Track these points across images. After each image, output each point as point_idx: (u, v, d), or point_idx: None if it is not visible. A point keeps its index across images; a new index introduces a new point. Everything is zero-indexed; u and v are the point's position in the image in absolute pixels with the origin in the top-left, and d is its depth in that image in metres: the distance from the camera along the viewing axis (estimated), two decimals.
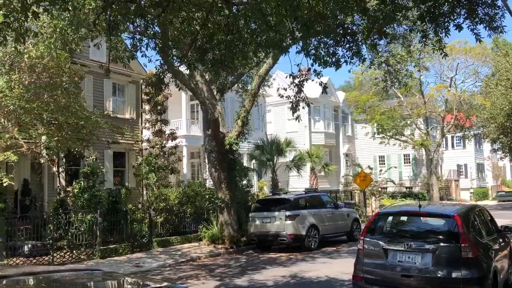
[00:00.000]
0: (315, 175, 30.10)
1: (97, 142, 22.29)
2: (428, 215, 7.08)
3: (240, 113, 15.39)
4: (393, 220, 7.44)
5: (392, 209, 7.78)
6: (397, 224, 7.40)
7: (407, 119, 36.69)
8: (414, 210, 7.20)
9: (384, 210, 7.62)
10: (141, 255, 14.85)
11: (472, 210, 7.40)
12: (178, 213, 17.37)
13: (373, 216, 7.54)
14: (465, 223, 6.73)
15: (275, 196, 17.16)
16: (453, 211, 6.89)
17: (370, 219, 7.55)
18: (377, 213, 7.51)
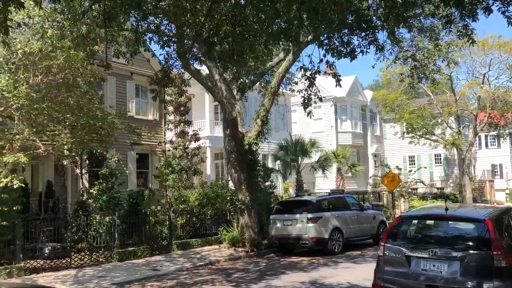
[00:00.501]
0: (341, 176, 29.35)
1: (120, 143, 22.36)
2: (455, 219, 6.43)
3: (260, 112, 14.93)
4: (417, 224, 6.81)
5: (416, 212, 7.14)
6: (421, 229, 6.77)
7: (437, 118, 35.40)
8: (440, 213, 6.57)
9: (407, 213, 7.01)
10: (160, 258, 14.57)
11: (506, 213, 6.71)
12: (199, 215, 17.04)
13: (395, 220, 6.94)
14: (498, 228, 6.07)
15: (296, 198, 16.62)
16: (484, 215, 6.23)
17: (391, 224, 6.95)
18: (399, 216, 6.92)
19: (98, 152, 19.82)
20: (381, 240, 6.73)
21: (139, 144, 23.43)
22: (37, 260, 13.38)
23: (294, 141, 26.24)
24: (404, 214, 6.98)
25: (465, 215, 6.57)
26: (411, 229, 6.75)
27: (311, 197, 15.76)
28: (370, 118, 41.12)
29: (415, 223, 6.79)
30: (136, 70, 23.41)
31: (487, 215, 6.23)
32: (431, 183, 43.45)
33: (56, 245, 14.67)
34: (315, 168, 26.30)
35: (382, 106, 36.63)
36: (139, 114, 23.95)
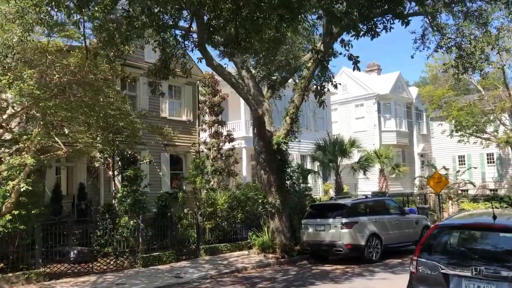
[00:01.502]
0: (384, 177, 27.84)
1: (152, 145, 22.04)
2: (505, 230, 5.26)
3: (289, 110, 13.97)
4: (458, 235, 5.68)
5: (457, 220, 5.94)
6: (463, 241, 5.61)
7: (489, 115, 33.01)
8: (486, 222, 5.44)
9: (445, 222, 5.86)
10: (186, 263, 13.91)
11: None
12: (228, 218, 16.27)
13: (431, 229, 5.81)
14: None
15: (330, 201, 15.51)
16: None
17: (427, 233, 5.84)
18: (436, 225, 5.79)
19: (130, 154, 19.53)
20: (414, 253, 5.66)
21: (173, 145, 23.03)
22: (63, 264, 13.05)
23: (333, 140, 25.01)
24: (442, 222, 5.86)
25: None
26: (450, 240, 5.62)
27: (346, 200, 14.60)
28: (416, 116, 39.11)
29: (455, 234, 5.66)
30: None
31: None
32: (483, 184, 40.82)
33: (83, 249, 14.34)
34: (355, 169, 24.97)
35: (429, 103, 34.66)
36: (173, 115, 23.56)
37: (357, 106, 36.86)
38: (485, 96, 32.35)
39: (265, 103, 14.34)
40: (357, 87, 36.79)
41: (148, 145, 21.82)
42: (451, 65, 12.15)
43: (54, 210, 17.74)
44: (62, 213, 18.58)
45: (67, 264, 13.26)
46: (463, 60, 12.00)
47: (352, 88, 37.04)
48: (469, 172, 42.12)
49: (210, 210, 15.56)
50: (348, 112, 37.43)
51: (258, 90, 14.39)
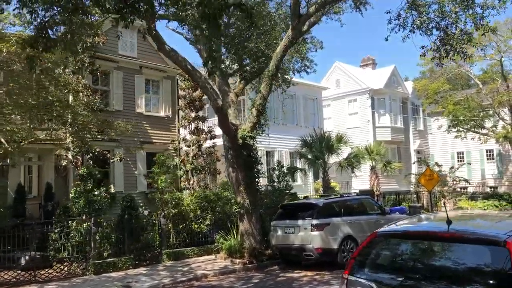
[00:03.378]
0: (376, 174, 26.48)
1: (128, 142, 20.87)
2: (459, 240, 3.99)
3: (255, 101, 12.70)
4: (402, 246, 4.40)
5: (400, 227, 4.57)
6: (409, 253, 4.31)
7: (487, 109, 31.61)
8: (433, 230, 4.19)
9: (385, 229, 4.55)
10: (143, 270, 12.70)
11: None
12: (196, 220, 15.04)
13: (368, 238, 4.53)
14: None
15: (301, 201, 14.21)
16: (508, 233, 3.80)
17: (361, 244, 4.56)
18: (374, 233, 4.50)
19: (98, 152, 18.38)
20: (345, 269, 4.40)
21: (150, 142, 21.90)
22: (7, 273, 11.88)
23: (319, 136, 23.70)
24: (382, 229, 4.59)
25: (476, 232, 4.06)
26: (392, 253, 4.35)
27: (318, 200, 13.30)
28: (412, 111, 37.67)
29: (398, 243, 4.38)
30: (145, 63, 21.89)
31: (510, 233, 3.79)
32: (483, 181, 39.41)
33: (35, 254, 13.18)
34: (343, 166, 23.65)
35: (424, 97, 33.31)
36: (150, 111, 22.37)
37: (350, 101, 35.54)
38: (482, 90, 30.99)
39: (230, 94, 13.11)
40: (350, 81, 35.49)
41: (123, 142, 20.68)
42: (430, 47, 10.86)
43: (16, 211, 16.64)
44: (25, 214, 17.46)
45: (13, 272, 12.09)
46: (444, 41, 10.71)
47: (345, 83, 35.75)
48: (468, 169, 40.77)
49: (174, 212, 14.32)
50: (341, 107, 36.11)
51: (223, 80, 13.18)
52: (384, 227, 4.64)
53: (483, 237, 3.85)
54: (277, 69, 12.58)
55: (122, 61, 21.11)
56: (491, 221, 4.69)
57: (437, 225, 4.43)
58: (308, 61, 19.61)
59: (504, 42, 28.61)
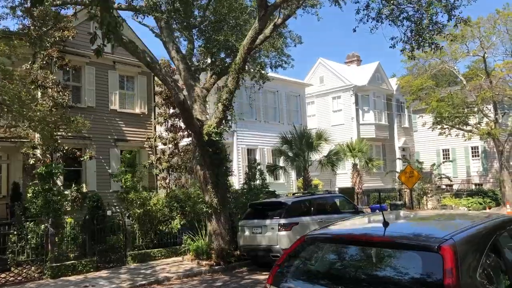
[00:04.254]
0: (358, 172, 26.06)
1: (101, 139, 20.26)
2: (390, 245, 3.49)
3: (222, 95, 12.14)
4: (331, 251, 3.87)
5: (330, 230, 4.07)
6: (338, 259, 3.81)
7: (472, 106, 31.31)
8: (364, 233, 3.69)
9: (315, 232, 4.05)
10: (105, 273, 12.11)
11: (495, 231, 3.73)
12: (165, 220, 14.47)
13: (296, 243, 3.98)
14: (470, 261, 3.16)
15: (270, 199, 13.69)
16: (446, 236, 3.30)
17: (288, 250, 4.01)
18: (302, 237, 3.96)
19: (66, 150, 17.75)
20: (268, 278, 3.87)
21: (124, 140, 21.29)
22: None
23: (299, 133, 23.21)
24: (312, 232, 4.08)
25: (410, 236, 3.48)
26: (322, 260, 3.82)
27: (287, 198, 12.80)
28: (397, 108, 37.30)
29: (329, 248, 3.85)
30: (120, 59, 21.22)
31: (451, 236, 3.29)
32: (468, 178, 39.22)
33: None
34: (323, 164, 23.17)
35: (409, 94, 32.93)
36: (124, 108, 21.74)
37: (334, 98, 35.08)
38: (466, 86, 30.67)
39: (196, 88, 12.53)
40: (334, 78, 35.04)
41: (95, 140, 20.08)
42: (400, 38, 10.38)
43: None
44: None
45: None
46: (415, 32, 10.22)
47: (329, 79, 35.31)
48: (453, 166, 40.54)
49: (140, 212, 13.72)
50: (325, 105, 35.65)
51: (189, 74, 12.60)
52: (316, 230, 4.12)
53: (414, 242, 3.33)
54: (244, 62, 12.03)
55: (94, 56, 20.41)
56: (437, 223, 4.18)
57: (373, 228, 3.92)
58: (285, 56, 19.13)
59: (487, 38, 28.30)
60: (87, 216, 13.28)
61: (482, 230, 3.67)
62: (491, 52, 30.81)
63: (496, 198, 31.91)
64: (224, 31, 14.35)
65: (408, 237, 3.44)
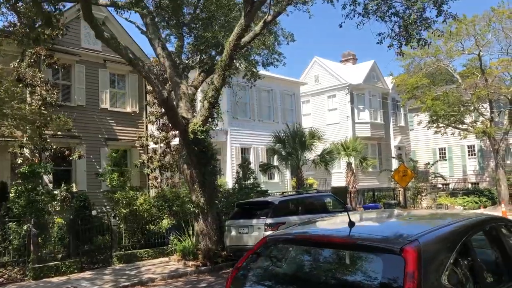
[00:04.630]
0: (352, 171, 25.81)
1: (91, 138, 20.06)
2: (353, 246, 3.24)
3: (208, 93, 11.92)
4: (293, 253, 3.64)
5: (293, 230, 3.85)
6: (300, 262, 3.57)
7: (467, 104, 31.09)
8: (329, 234, 3.47)
9: (277, 233, 3.82)
10: (88, 274, 11.89)
11: (467, 232, 3.51)
12: (152, 220, 14.25)
13: (257, 244, 3.75)
14: (433, 265, 2.94)
15: (257, 199, 13.48)
16: (412, 237, 3.08)
17: (248, 252, 3.79)
18: (264, 238, 3.73)
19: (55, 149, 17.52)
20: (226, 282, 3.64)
21: (115, 139, 21.08)
22: None
23: (292, 132, 22.99)
24: (275, 233, 3.87)
25: (373, 237, 3.20)
26: (284, 263, 3.60)
27: (273, 198, 12.59)
28: (393, 107, 37.08)
29: (290, 250, 3.61)
30: (110, 57, 20.96)
31: (417, 237, 3.07)
32: (464, 177, 39.03)
33: None
34: (317, 163, 22.96)
35: (403, 92, 32.73)
36: (115, 106, 21.51)
37: (330, 97, 34.87)
38: (462, 84, 30.47)
39: (182, 86, 12.31)
40: (329, 77, 34.83)
41: (85, 139, 19.87)
42: (387, 34, 10.16)
43: None
44: None
45: None
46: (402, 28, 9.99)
47: (324, 78, 35.10)
48: (449, 165, 40.37)
49: (126, 211, 13.49)
50: (321, 103, 35.44)
51: (175, 71, 12.38)
52: (275, 233, 3.91)
53: (376, 243, 3.12)
54: (230, 59, 11.80)
55: (84, 55, 20.25)
56: (407, 223, 3.96)
57: (339, 229, 3.71)
58: (277, 54, 18.95)
59: (482, 36, 28.09)
60: (72, 216, 13.04)
61: (454, 231, 3.45)
62: (486, 50, 30.64)
63: (493, 197, 31.73)
64: (212, 28, 14.13)
65: (370, 238, 3.22)
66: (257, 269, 3.60)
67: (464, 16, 28.91)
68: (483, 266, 3.48)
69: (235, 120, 26.97)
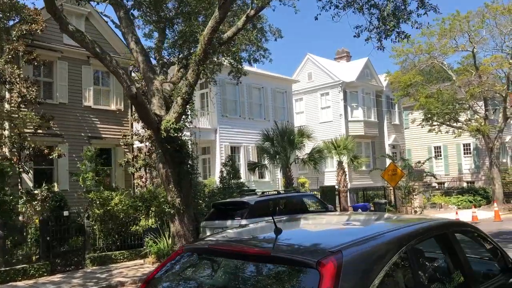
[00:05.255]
0: (343, 170, 25.32)
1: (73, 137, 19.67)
2: (268, 259, 2.73)
3: (181, 88, 11.47)
4: (208, 266, 3.15)
5: (210, 240, 3.24)
6: (214, 276, 3.12)
7: (462, 102, 30.63)
8: (243, 244, 3.02)
9: (194, 243, 3.35)
10: (58, 277, 11.44)
11: (407, 240, 3.03)
12: (128, 221, 13.80)
13: (172, 255, 3.23)
14: (357, 281, 2.50)
15: (234, 199, 13.02)
16: (335, 247, 2.63)
17: (161, 264, 3.30)
18: (180, 248, 3.23)
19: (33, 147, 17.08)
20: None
21: (98, 137, 20.68)
22: None
23: (281, 130, 22.54)
24: (192, 243, 3.38)
25: (291, 248, 2.77)
26: (198, 274, 3.16)
27: (250, 198, 12.12)
28: (387, 105, 36.58)
29: (207, 261, 3.13)
30: None
31: (342, 247, 2.62)
32: (460, 176, 38.64)
33: None
34: (305, 161, 22.50)
35: (398, 90, 32.25)
36: (99, 104, 21.10)
37: (323, 95, 34.39)
38: (456, 82, 30.01)
39: (155, 82, 11.86)
40: (322, 74, 34.36)
41: (68, 137, 19.46)
42: (364, 27, 9.69)
43: None
44: None
45: None
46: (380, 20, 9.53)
47: (317, 76, 34.63)
48: (445, 163, 39.96)
49: (100, 212, 13.04)
50: (314, 101, 34.97)
51: (148, 66, 11.93)
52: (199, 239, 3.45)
53: (293, 255, 2.66)
54: (205, 54, 11.33)
55: (67, 51, 19.81)
56: (340, 229, 3.49)
57: (262, 237, 3.26)
58: (263, 50, 18.50)
59: (475, 32, 27.62)
60: (41, 217, 12.60)
61: (390, 240, 2.99)
62: (481, 47, 30.21)
63: (487, 196, 31.32)
64: (192, 23, 13.69)
65: (287, 250, 2.78)
66: (169, 282, 3.15)
67: (458, 12, 28.50)
68: (426, 280, 3.04)
69: (224, 118, 26.54)
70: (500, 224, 18.95)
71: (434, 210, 28.11)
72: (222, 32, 14.77)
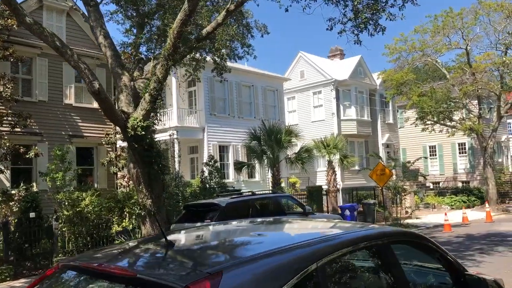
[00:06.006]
0: (332, 169, 24.76)
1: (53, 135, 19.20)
2: (134, 282, 2.20)
3: (149, 85, 10.94)
4: (84, 283, 2.66)
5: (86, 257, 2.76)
6: None
7: (456, 101, 30.09)
8: (109, 264, 2.50)
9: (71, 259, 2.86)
10: (19, 283, 10.93)
11: (319, 257, 2.47)
12: (101, 223, 13.29)
13: (48, 271, 2.69)
14: None
15: (205, 200, 12.49)
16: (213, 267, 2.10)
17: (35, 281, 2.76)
18: (57, 265, 2.72)
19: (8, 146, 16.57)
20: None
21: (80, 136, 20.19)
22: None
23: (268, 129, 22.00)
24: (69, 259, 2.89)
25: (167, 268, 2.23)
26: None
27: (222, 199, 11.57)
28: (381, 103, 35.99)
29: (83, 280, 2.64)
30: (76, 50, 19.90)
31: (221, 268, 2.08)
32: (455, 175, 38.12)
33: None
34: (293, 161, 21.97)
35: (389, 88, 31.72)
36: (81, 102, 20.60)
37: (315, 93, 33.82)
38: (449, 80, 29.47)
39: (124, 77, 11.33)
40: (315, 72, 33.80)
41: (47, 136, 18.96)
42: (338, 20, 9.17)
43: None
44: None
45: None
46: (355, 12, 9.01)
47: (310, 74, 34.07)
48: (440, 163, 39.43)
49: (69, 214, 12.52)
50: (306, 100, 34.41)
51: (116, 61, 11.41)
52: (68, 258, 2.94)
53: (159, 279, 2.13)
54: (174, 48, 10.80)
55: (47, 47, 19.16)
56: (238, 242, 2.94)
57: (148, 253, 2.74)
58: (246, 46, 18.01)
59: (469, 29, 27.07)
60: (5, 219, 12.10)
61: (298, 257, 2.46)
62: (476, 45, 29.69)
63: (482, 196, 30.82)
64: (167, 16, 13.18)
65: (158, 270, 2.24)
66: None
67: (451, 9, 27.98)
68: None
69: (212, 116, 26.01)
70: (491, 226, 18.43)
71: (426, 210, 27.61)
72: (202, 27, 14.31)
